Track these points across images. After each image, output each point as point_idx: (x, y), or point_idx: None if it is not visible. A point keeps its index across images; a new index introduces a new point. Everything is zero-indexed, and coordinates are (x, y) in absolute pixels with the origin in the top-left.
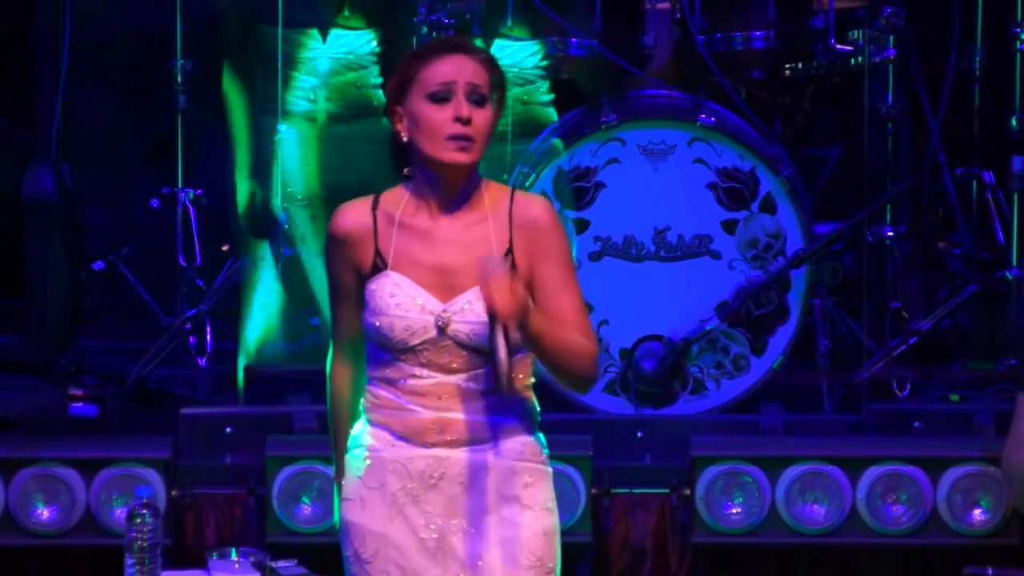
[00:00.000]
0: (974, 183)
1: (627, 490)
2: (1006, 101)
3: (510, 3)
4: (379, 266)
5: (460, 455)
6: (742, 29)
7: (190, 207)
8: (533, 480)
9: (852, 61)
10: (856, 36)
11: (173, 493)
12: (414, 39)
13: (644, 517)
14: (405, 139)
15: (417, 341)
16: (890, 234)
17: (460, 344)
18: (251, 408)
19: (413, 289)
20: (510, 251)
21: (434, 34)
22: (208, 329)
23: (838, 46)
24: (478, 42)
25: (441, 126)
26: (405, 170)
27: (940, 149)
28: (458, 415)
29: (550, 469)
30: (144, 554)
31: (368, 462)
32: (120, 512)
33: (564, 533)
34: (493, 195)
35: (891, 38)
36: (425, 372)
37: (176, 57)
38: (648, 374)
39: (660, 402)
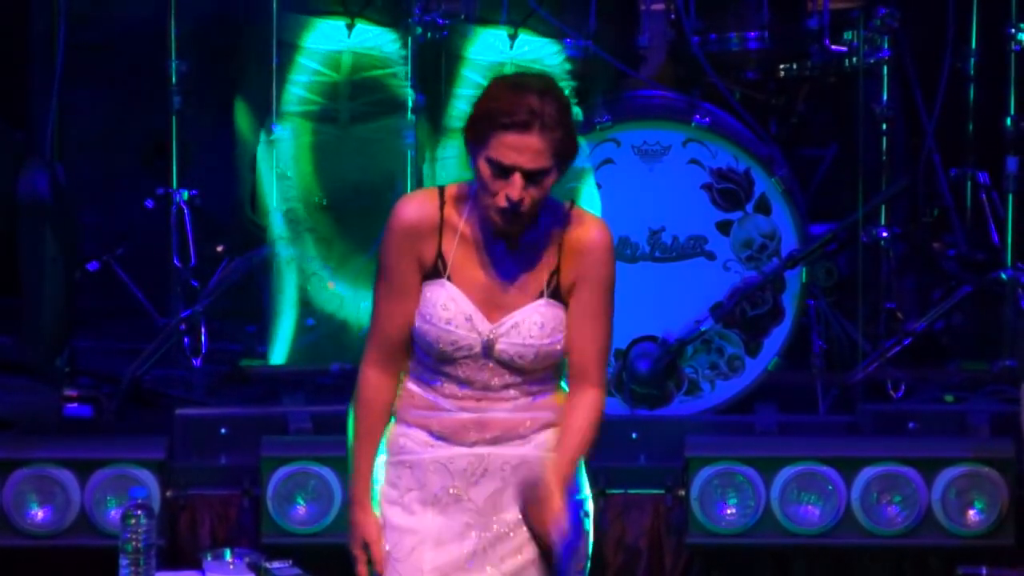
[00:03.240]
0: (969, 184)
1: (622, 491)
2: (1000, 102)
3: (504, 4)
4: (439, 270)
5: (500, 451)
6: (737, 30)
7: (184, 207)
8: None
9: (847, 62)
10: (851, 37)
11: (168, 494)
12: (409, 40)
13: (639, 518)
14: (473, 173)
15: (460, 356)
16: (885, 235)
17: (502, 363)
18: (246, 409)
19: (467, 305)
20: (557, 271)
21: (429, 35)
22: (203, 330)
23: (833, 47)
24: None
25: (494, 195)
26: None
27: (935, 150)
28: (496, 415)
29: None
30: (138, 555)
31: (407, 464)
32: (115, 513)
33: None
34: (552, 213)
35: (886, 39)
36: (462, 379)
37: (171, 58)
38: (643, 375)
39: (655, 403)
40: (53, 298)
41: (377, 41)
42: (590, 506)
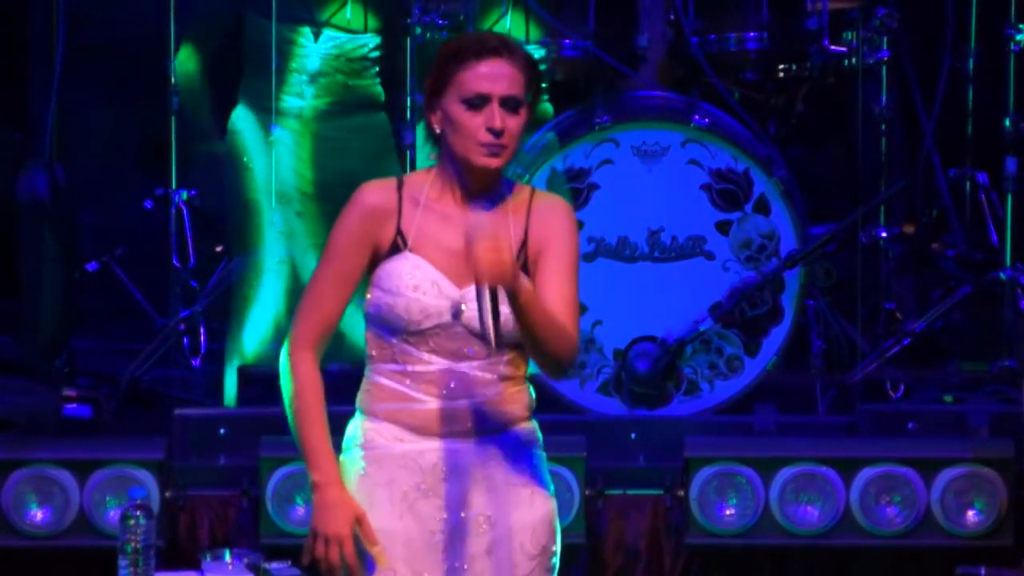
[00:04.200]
0: (968, 184)
1: (621, 491)
2: (999, 102)
3: (504, 4)
4: (399, 246)
5: (470, 446)
6: (736, 30)
7: (184, 208)
8: (537, 467)
9: (846, 62)
10: (850, 37)
11: (167, 494)
12: (408, 40)
13: (638, 518)
14: (437, 131)
15: (430, 324)
16: (884, 235)
17: (471, 331)
18: (245, 409)
19: (432, 272)
20: (524, 244)
21: (428, 35)
22: (202, 330)
23: (832, 47)
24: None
25: (474, 132)
26: (431, 155)
27: (934, 150)
28: (465, 405)
29: (545, 454)
30: (138, 555)
31: (375, 459)
32: (114, 513)
33: None
34: (516, 191)
35: (885, 39)
36: (434, 358)
37: (170, 58)
38: (642, 375)
39: (654, 403)
40: (52, 298)
41: (346, 47)
42: (555, 504)
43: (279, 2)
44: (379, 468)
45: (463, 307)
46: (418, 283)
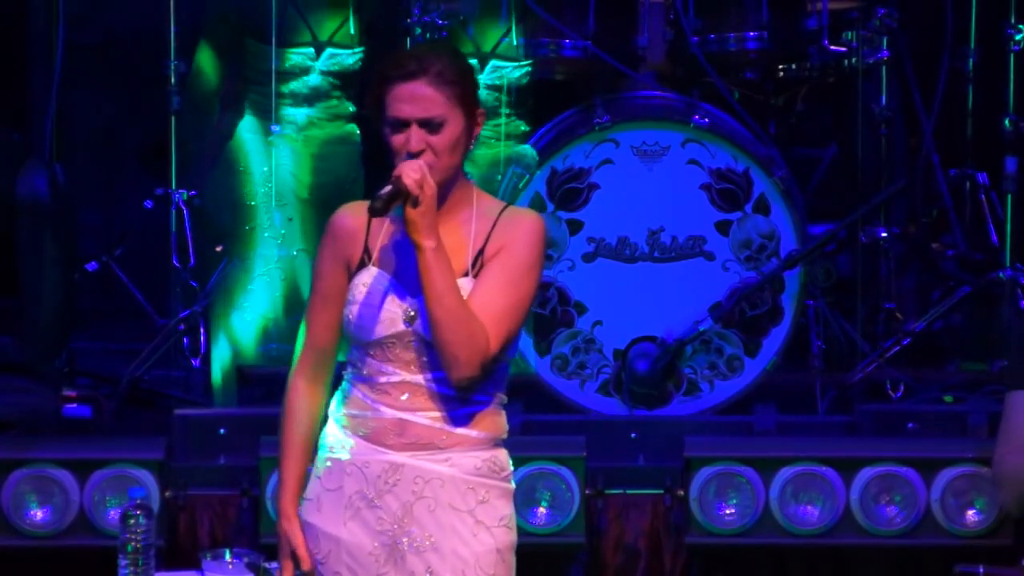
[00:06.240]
0: (967, 184)
1: (621, 491)
2: (999, 102)
3: (504, 4)
4: (364, 261)
5: (415, 463)
6: (736, 30)
7: (184, 208)
8: (489, 496)
9: (846, 62)
10: (850, 37)
11: (167, 494)
12: (408, 41)
13: (638, 518)
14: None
15: (385, 334)
16: (884, 235)
17: (425, 341)
18: (245, 409)
19: (387, 281)
20: (481, 252)
21: (428, 35)
22: (202, 330)
23: (832, 47)
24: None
25: (399, 150)
26: None
27: (933, 150)
28: (418, 419)
29: (511, 486)
30: (138, 555)
31: (328, 463)
32: (114, 513)
33: (558, 534)
34: (485, 202)
35: (884, 39)
36: (390, 368)
37: (170, 58)
38: (642, 375)
39: (654, 403)
40: (52, 299)
41: (346, 62)
42: (513, 538)
43: (283, 26)
44: (330, 473)
45: (413, 313)
46: (371, 292)
